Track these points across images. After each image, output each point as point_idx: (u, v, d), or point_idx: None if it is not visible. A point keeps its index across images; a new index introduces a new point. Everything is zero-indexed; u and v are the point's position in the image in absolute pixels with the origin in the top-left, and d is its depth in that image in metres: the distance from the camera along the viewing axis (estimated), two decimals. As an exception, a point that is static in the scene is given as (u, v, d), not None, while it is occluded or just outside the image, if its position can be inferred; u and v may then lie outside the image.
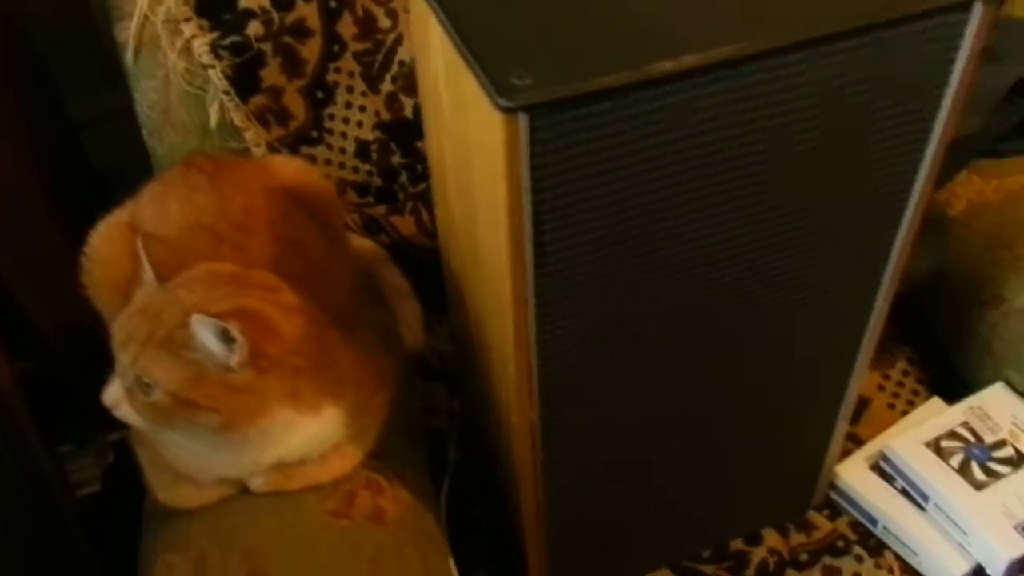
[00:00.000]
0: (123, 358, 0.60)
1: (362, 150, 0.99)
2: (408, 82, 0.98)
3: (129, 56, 0.92)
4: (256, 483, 0.68)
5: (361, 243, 0.98)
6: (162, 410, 0.60)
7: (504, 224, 0.52)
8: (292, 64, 0.94)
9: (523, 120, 0.47)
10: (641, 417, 0.69)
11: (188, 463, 0.66)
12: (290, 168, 0.84)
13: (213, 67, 0.91)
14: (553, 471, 0.70)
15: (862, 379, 0.77)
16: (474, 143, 0.54)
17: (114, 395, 0.61)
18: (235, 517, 0.67)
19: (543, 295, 0.56)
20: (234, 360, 0.59)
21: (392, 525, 0.69)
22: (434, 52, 0.58)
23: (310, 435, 0.66)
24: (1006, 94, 0.93)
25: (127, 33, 0.91)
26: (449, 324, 1.08)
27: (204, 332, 0.58)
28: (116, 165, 1.26)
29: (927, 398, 0.96)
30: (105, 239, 0.77)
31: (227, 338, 0.59)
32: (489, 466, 0.86)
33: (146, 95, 0.94)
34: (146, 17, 0.90)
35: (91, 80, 1.16)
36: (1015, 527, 0.78)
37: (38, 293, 1.13)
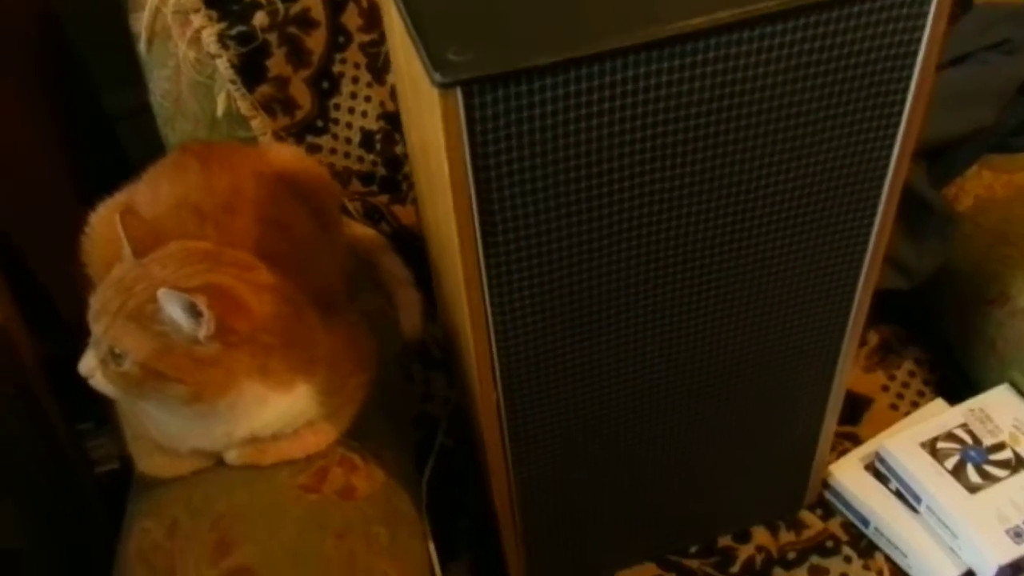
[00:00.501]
0: (96, 328, 0.62)
1: (367, 140, 1.01)
2: (413, 73, 1.00)
3: (143, 46, 0.96)
4: (231, 456, 0.70)
5: (363, 231, 1.00)
6: (133, 380, 0.62)
7: (450, 203, 0.52)
8: (298, 54, 0.96)
9: (459, 96, 0.48)
10: (610, 402, 0.69)
11: (164, 434, 0.69)
12: (284, 155, 0.86)
13: (220, 56, 0.94)
14: (522, 454, 0.70)
15: (848, 373, 0.76)
16: (425, 123, 0.55)
17: (88, 365, 0.63)
18: (208, 487, 0.69)
19: (494, 274, 0.56)
20: (201, 334, 0.61)
21: (361, 502, 0.70)
22: (398, 35, 0.59)
23: (282, 411, 0.68)
24: (1021, 87, 0.90)
25: (140, 24, 0.94)
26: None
27: (171, 306, 0.60)
28: (152, 157, 1.31)
29: (932, 400, 0.93)
30: (103, 220, 0.80)
31: (194, 312, 0.60)
32: (473, 451, 0.87)
33: (159, 84, 0.97)
34: (158, 8, 0.93)
35: (125, 74, 1.21)
36: (1007, 532, 0.75)
37: (65, 280, 1.17)
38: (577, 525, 0.80)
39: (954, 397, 0.91)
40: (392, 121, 1.01)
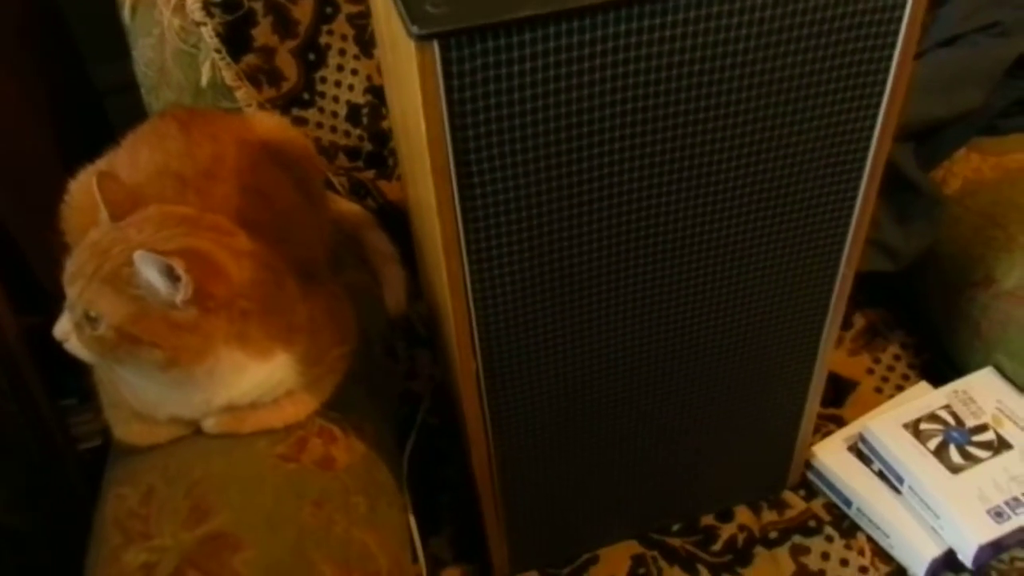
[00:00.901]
0: (71, 292, 0.62)
1: (353, 114, 1.00)
2: (401, 47, 0.99)
3: (126, 13, 0.95)
4: (208, 424, 0.69)
5: (348, 207, 0.99)
6: (107, 344, 0.61)
7: (427, 164, 0.52)
8: (284, 24, 0.95)
9: (435, 49, 0.47)
10: (590, 373, 0.68)
11: (141, 400, 0.68)
12: (268, 123, 0.85)
13: (205, 24, 0.93)
14: (502, 427, 0.69)
15: (831, 352, 0.75)
16: (404, 82, 0.54)
17: (63, 328, 0.63)
18: (185, 455, 0.68)
19: (473, 239, 0.56)
20: (178, 298, 0.60)
21: (340, 472, 0.70)
22: (380, -4, 0.59)
23: (260, 379, 0.67)
24: (1009, 69, 0.89)
25: (124, -9, 0.94)
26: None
27: (148, 269, 0.59)
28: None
29: (916, 383, 0.93)
30: (82, 187, 0.79)
31: (172, 276, 0.60)
32: (456, 428, 0.86)
33: (143, 53, 0.96)
34: (142, -26, 0.92)
35: (115, 47, 1.19)
36: (988, 512, 0.75)
37: (48, 252, 1.16)
38: (558, 501, 0.79)
39: (939, 381, 0.91)
40: (379, 95, 1.00)
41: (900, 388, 0.93)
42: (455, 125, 0.50)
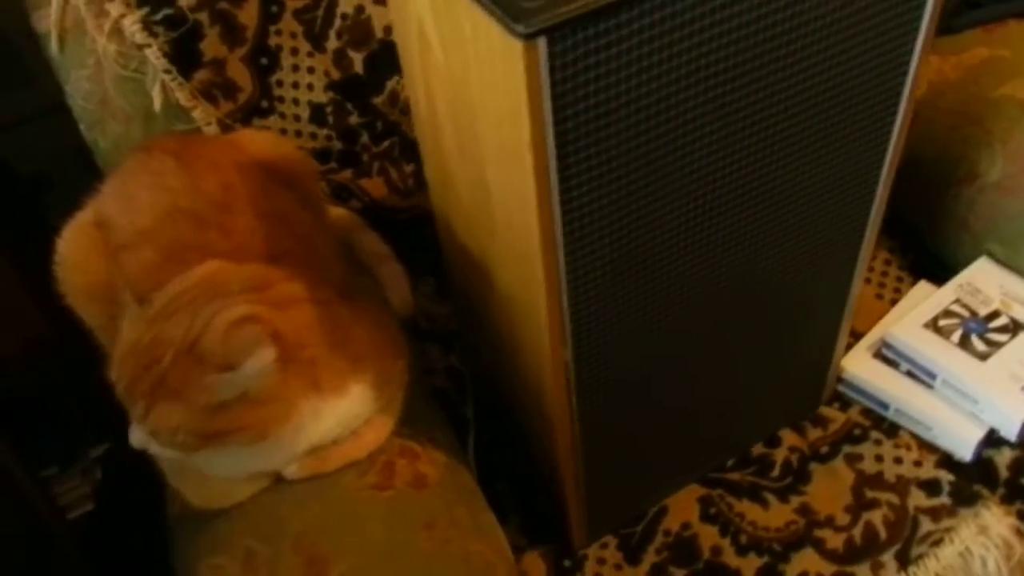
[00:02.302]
0: (135, 411, 0.57)
1: (317, 114, 0.95)
2: (354, 36, 0.94)
3: (54, 46, 0.85)
4: (291, 471, 0.65)
5: (334, 211, 0.95)
6: (191, 446, 0.57)
7: (527, 164, 0.50)
8: (231, 32, 0.88)
9: (542, 46, 0.45)
10: (663, 338, 0.68)
11: (218, 468, 0.63)
12: (259, 141, 0.80)
13: (149, 46, 0.85)
14: (586, 407, 0.69)
15: (864, 271, 0.78)
16: (478, 82, 0.51)
17: (140, 439, 0.58)
18: (275, 509, 0.64)
19: (568, 230, 0.54)
20: (258, 383, 0.56)
21: (435, 488, 0.68)
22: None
23: (340, 416, 0.64)
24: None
25: (47, 21, 0.84)
26: (433, 283, 1.06)
27: (225, 387, 0.55)
28: (42, 170, 1.18)
29: (912, 284, 0.98)
30: (72, 244, 0.72)
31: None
32: (508, 415, 0.85)
33: (79, 86, 0.87)
34: (66, 1, 0.83)
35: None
36: (1023, 389, 0.81)
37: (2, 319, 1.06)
38: (630, 465, 0.80)
39: (930, 277, 0.97)
40: (342, 91, 0.95)
41: (898, 291, 0.99)
42: (558, 120, 0.48)
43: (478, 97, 0.53)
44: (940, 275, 0.96)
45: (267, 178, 0.74)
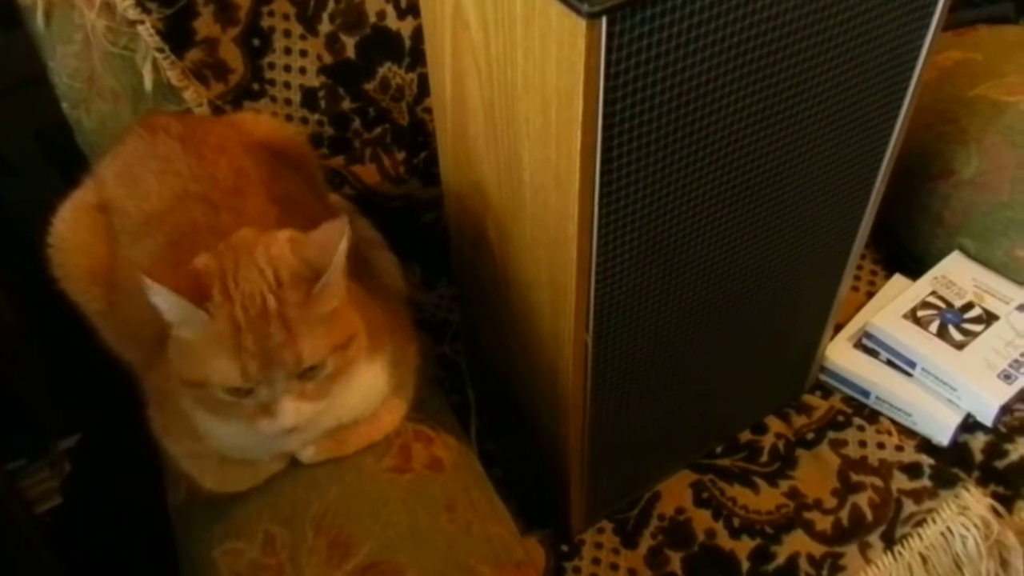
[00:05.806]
0: (287, 366, 0.55)
1: (309, 98, 0.93)
2: (347, 19, 0.93)
3: (39, 20, 0.82)
4: (308, 454, 0.64)
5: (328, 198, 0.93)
6: (334, 377, 0.58)
7: (574, 144, 0.50)
8: (224, 11, 0.87)
9: (603, 25, 0.46)
10: (670, 324, 0.70)
11: (240, 445, 0.62)
12: (262, 124, 0.78)
13: (142, 22, 0.83)
14: (600, 392, 0.70)
15: (855, 263, 0.82)
16: (524, 61, 0.52)
17: (298, 412, 0.56)
18: (291, 491, 0.63)
19: (606, 215, 0.55)
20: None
21: (452, 471, 0.68)
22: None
23: (365, 387, 0.63)
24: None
25: (33, -7, 0.81)
26: (419, 272, 1.06)
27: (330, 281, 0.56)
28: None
29: (885, 277, 1.02)
30: (72, 226, 0.70)
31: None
32: (505, 402, 0.85)
33: (64, 63, 0.84)
34: (54, -27, 0.80)
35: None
36: (998, 376, 0.85)
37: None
38: (629, 451, 0.81)
39: (903, 271, 1.01)
40: (333, 75, 0.94)
41: (872, 283, 1.03)
42: (608, 100, 0.49)
43: (522, 77, 0.53)
44: (912, 268, 1.00)
45: (275, 162, 0.73)
